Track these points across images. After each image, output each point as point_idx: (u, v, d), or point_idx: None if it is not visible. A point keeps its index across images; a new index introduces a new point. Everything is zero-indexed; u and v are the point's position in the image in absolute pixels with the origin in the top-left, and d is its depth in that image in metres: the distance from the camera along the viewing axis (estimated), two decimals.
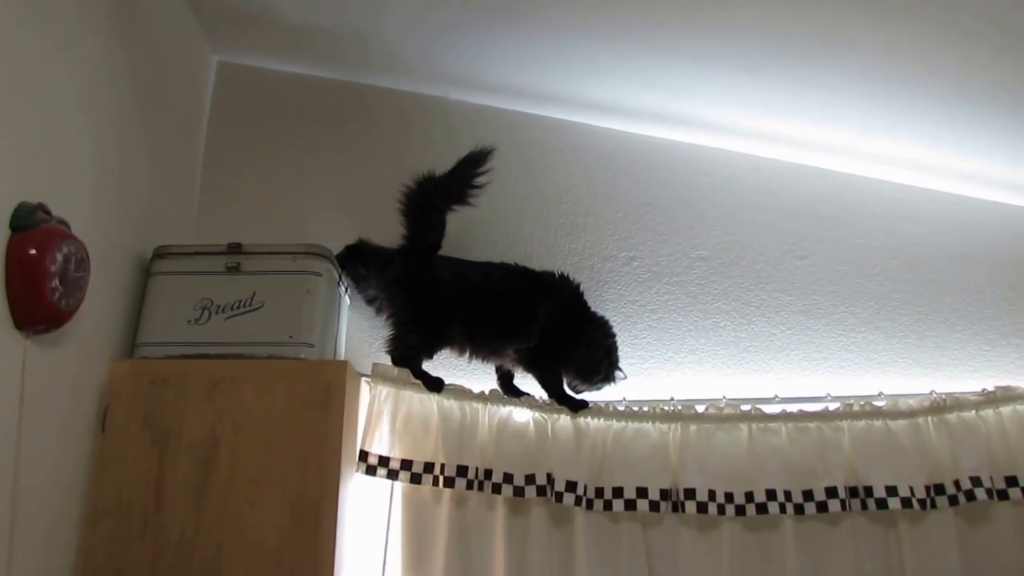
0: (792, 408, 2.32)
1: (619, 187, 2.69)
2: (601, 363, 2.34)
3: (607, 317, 2.41)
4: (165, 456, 1.94)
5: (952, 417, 2.28)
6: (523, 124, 2.74)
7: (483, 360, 2.37)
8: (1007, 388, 2.31)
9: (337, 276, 2.27)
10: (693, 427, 2.30)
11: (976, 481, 2.19)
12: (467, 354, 2.34)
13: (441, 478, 2.18)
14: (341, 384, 2.03)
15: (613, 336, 2.38)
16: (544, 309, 2.34)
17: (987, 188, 2.65)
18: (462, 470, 2.19)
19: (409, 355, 2.27)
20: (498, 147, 2.32)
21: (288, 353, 2.06)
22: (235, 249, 2.16)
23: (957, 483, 2.20)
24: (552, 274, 2.41)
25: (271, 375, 2.02)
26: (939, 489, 2.22)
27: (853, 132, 2.52)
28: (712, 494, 2.22)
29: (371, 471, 2.17)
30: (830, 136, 2.56)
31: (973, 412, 2.29)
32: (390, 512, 2.22)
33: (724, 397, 2.34)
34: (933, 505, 2.20)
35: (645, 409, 2.32)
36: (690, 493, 2.22)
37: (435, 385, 2.25)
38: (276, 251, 2.16)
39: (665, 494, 2.23)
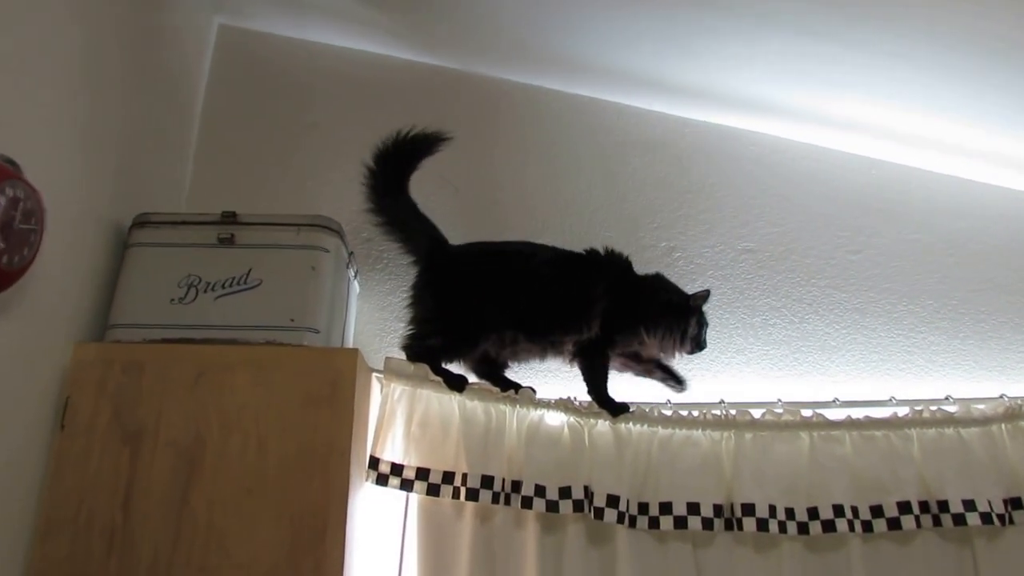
0: (855, 414, 1.93)
1: (657, 172, 2.32)
2: (685, 322, 1.96)
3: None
4: (138, 458, 1.51)
5: None
6: (549, 101, 2.37)
7: (531, 357, 1.97)
8: None
9: (347, 255, 1.85)
10: (748, 435, 1.91)
11: None
12: (514, 350, 1.95)
13: (463, 490, 1.76)
14: (351, 376, 1.62)
15: (682, 293, 2.01)
16: (600, 291, 1.94)
17: None
18: (487, 481, 1.77)
19: (427, 355, 1.87)
20: (522, 125, 2.07)
21: (288, 339, 1.65)
22: (229, 219, 1.75)
23: None
24: (597, 252, 2.01)
25: (268, 364, 1.60)
26: (1016, 503, 1.86)
27: (917, 114, 2.17)
28: (773, 510, 1.82)
29: (382, 481, 1.75)
30: (891, 119, 2.21)
31: None
32: (404, 528, 1.79)
33: (779, 400, 1.95)
34: (1011, 521, 1.85)
35: (695, 414, 1.91)
36: (748, 509, 1.82)
37: (457, 384, 1.84)
38: (277, 222, 1.75)
39: (719, 510, 1.83)
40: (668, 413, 1.92)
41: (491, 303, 1.92)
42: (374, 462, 1.75)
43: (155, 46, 1.97)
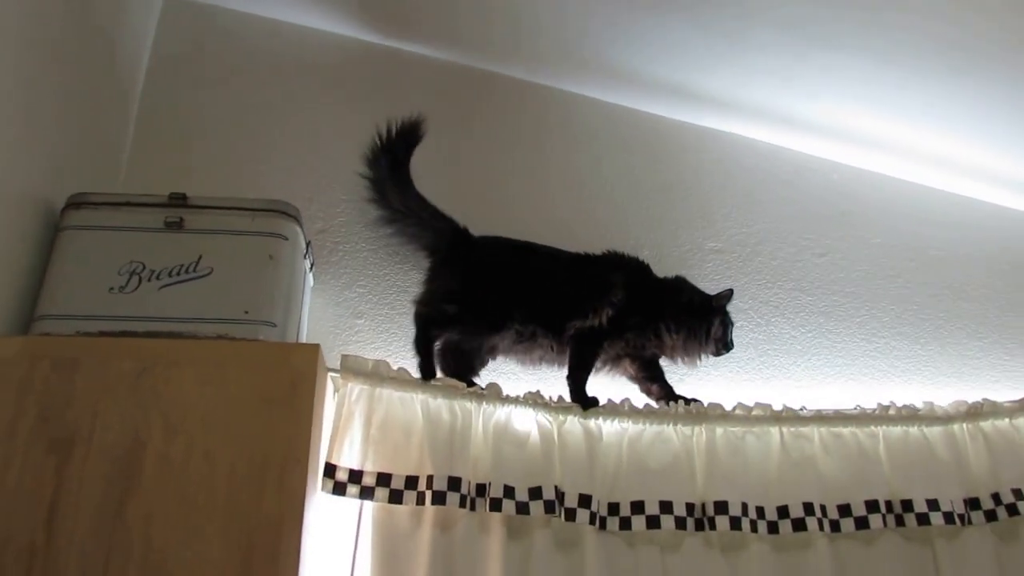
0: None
1: (627, 170, 2.21)
2: (708, 322, 1.90)
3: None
4: (67, 468, 1.30)
5: (987, 425, 1.93)
6: (520, 93, 2.25)
7: (546, 356, 1.87)
8: None
9: (305, 245, 1.68)
10: (720, 430, 1.82)
11: (1018, 494, 1.84)
12: (530, 347, 1.85)
13: (428, 494, 1.60)
14: (311, 375, 1.44)
15: (704, 294, 1.95)
16: (617, 282, 1.88)
17: (1010, 193, 2.32)
18: (454, 483, 1.62)
19: (438, 320, 1.80)
20: (497, 114, 2.01)
21: (242, 333, 1.47)
22: (178, 201, 1.56)
23: (996, 496, 1.84)
24: (616, 252, 1.95)
25: (219, 360, 1.43)
26: (975, 504, 1.85)
27: (881, 120, 2.14)
28: (744, 508, 1.75)
29: (339, 489, 1.58)
30: (856, 124, 2.17)
31: (1007, 420, 1.93)
32: (357, 541, 1.63)
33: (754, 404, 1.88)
34: (970, 521, 1.83)
35: (667, 407, 1.82)
36: (721, 507, 1.73)
37: (429, 372, 1.73)
38: (231, 206, 1.57)
39: (691, 509, 1.74)
40: (639, 407, 1.81)
41: (516, 294, 1.84)
42: (330, 469, 1.58)
43: (93, 15, 1.76)
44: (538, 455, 1.71)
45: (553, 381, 1.85)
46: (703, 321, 1.91)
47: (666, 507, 1.73)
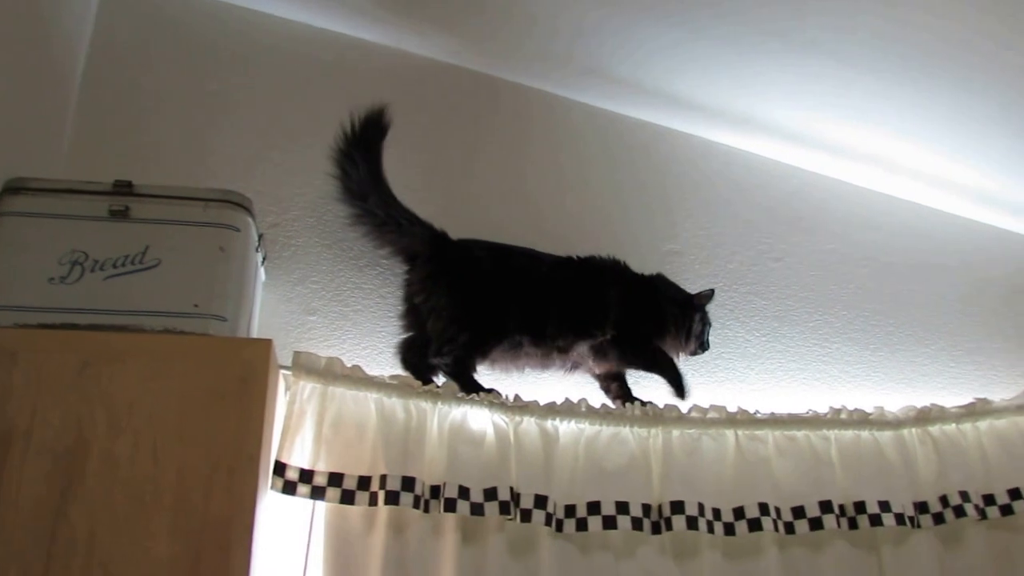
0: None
1: (587, 168, 2.22)
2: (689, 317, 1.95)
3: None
4: (4, 467, 1.25)
5: (935, 430, 1.99)
6: (467, 85, 2.22)
7: (530, 364, 1.89)
8: (984, 401, 2.05)
9: (257, 237, 1.65)
10: (676, 432, 1.84)
11: (965, 496, 1.90)
12: (515, 355, 1.87)
13: (381, 494, 1.57)
14: (263, 371, 1.41)
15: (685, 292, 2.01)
16: (614, 295, 1.92)
17: (960, 202, 2.39)
18: (408, 483, 1.59)
19: (465, 358, 1.79)
20: (440, 107, 1.99)
21: (191, 327, 1.43)
22: (123, 188, 1.50)
23: (944, 499, 1.90)
24: (595, 257, 1.98)
25: (166, 355, 1.39)
26: (923, 507, 1.90)
27: (836, 125, 2.18)
28: (701, 508, 1.76)
29: (289, 489, 1.54)
30: (812, 129, 2.21)
31: (954, 425, 2.00)
32: (309, 543, 1.61)
33: (709, 406, 1.91)
34: (918, 524, 1.87)
35: (624, 407, 1.84)
36: (678, 507, 1.74)
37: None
38: (181, 195, 1.52)
39: (647, 510, 1.74)
40: (596, 407, 1.81)
41: (507, 303, 1.84)
42: (280, 468, 1.55)
43: None
44: (494, 456, 1.70)
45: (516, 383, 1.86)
46: (686, 320, 1.95)
47: (622, 508, 1.73)
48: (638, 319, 1.93)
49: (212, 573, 1.27)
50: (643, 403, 1.89)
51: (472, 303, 1.84)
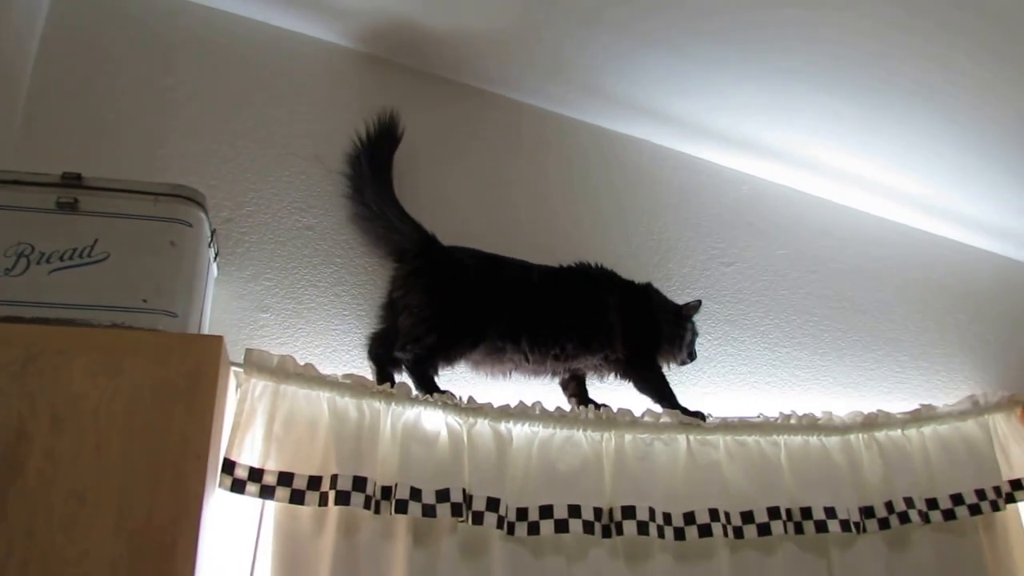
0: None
1: (541, 173, 2.23)
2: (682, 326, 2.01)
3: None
4: None
5: (881, 435, 2.04)
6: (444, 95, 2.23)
7: (516, 370, 1.92)
8: (929, 407, 2.11)
9: (210, 233, 1.63)
10: (628, 436, 1.86)
11: (909, 502, 1.96)
12: (499, 360, 1.90)
13: (331, 494, 1.57)
14: (213, 368, 1.40)
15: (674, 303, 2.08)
16: (615, 311, 1.96)
17: (907, 211, 2.46)
18: (359, 483, 1.59)
19: (426, 359, 1.81)
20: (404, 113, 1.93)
21: (140, 322, 1.41)
22: (72, 181, 1.47)
23: (889, 505, 1.96)
24: (588, 265, 2.03)
25: (113, 350, 1.36)
26: (869, 512, 1.95)
27: (786, 133, 2.23)
28: (652, 513, 1.78)
29: (238, 487, 1.53)
30: (762, 137, 2.25)
31: (900, 431, 2.06)
32: (258, 543, 1.60)
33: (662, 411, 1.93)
34: (864, 529, 1.93)
35: (577, 410, 1.86)
36: (629, 512, 1.76)
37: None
38: (131, 189, 1.49)
39: (599, 514, 1.76)
40: (551, 410, 1.83)
41: (492, 306, 1.86)
42: (229, 466, 1.54)
43: None
44: (447, 457, 1.70)
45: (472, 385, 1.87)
46: (679, 330, 2.01)
47: (574, 511, 1.74)
48: (641, 336, 1.97)
49: (156, 571, 1.26)
50: (597, 406, 1.92)
51: (446, 307, 1.86)
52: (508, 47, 2.09)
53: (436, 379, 1.80)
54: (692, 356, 2.03)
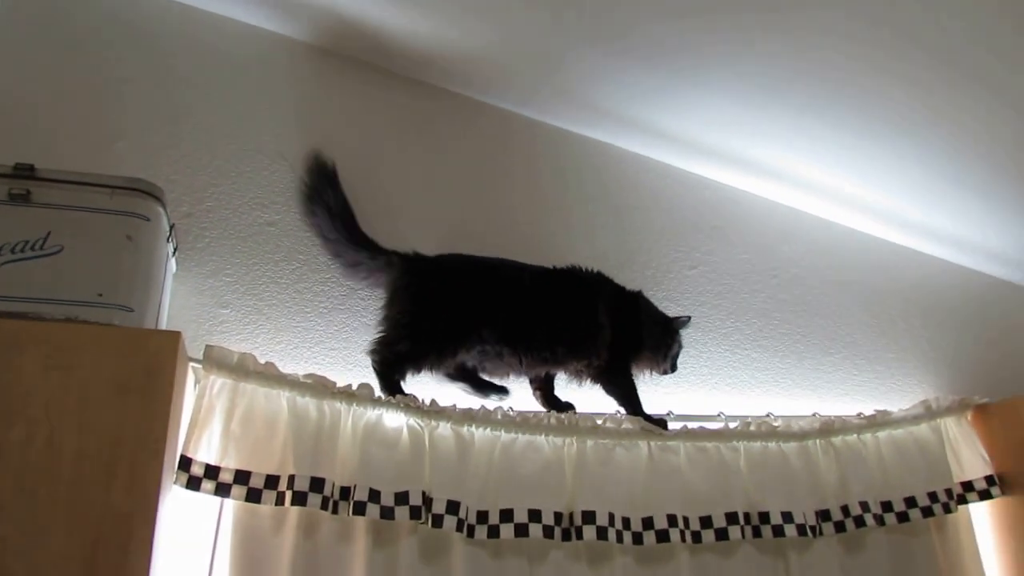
0: (689, 426, 1.97)
1: (508, 176, 2.23)
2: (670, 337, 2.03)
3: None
4: None
5: (838, 440, 2.07)
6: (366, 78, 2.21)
7: (511, 371, 1.92)
8: (884, 412, 2.16)
9: (168, 227, 1.61)
10: (590, 442, 1.87)
11: (865, 506, 2.00)
12: (497, 364, 1.89)
13: (288, 494, 1.56)
14: (170, 363, 1.39)
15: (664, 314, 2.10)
16: (605, 314, 1.96)
17: (864, 219, 2.51)
18: (317, 484, 1.58)
19: (395, 364, 1.79)
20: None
21: (94, 317, 1.39)
22: (25, 172, 1.45)
23: (845, 508, 1.99)
24: (579, 268, 2.03)
25: (67, 344, 1.34)
26: (825, 515, 1.98)
27: (747, 140, 2.25)
28: (612, 518, 1.79)
29: (194, 484, 1.52)
30: (726, 144, 2.28)
31: (855, 436, 2.09)
32: (216, 543, 1.58)
33: (618, 412, 1.95)
34: (821, 532, 1.95)
35: (540, 415, 1.86)
36: (589, 517, 1.77)
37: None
38: (87, 181, 1.48)
39: (559, 518, 1.76)
40: (513, 415, 1.83)
41: (478, 312, 1.85)
42: (185, 463, 1.52)
43: None
44: (407, 459, 1.70)
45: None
46: (668, 340, 2.03)
47: (535, 516, 1.75)
48: (625, 343, 1.97)
49: (109, 569, 1.24)
50: (562, 406, 1.94)
51: (424, 316, 1.84)
52: (472, 49, 2.09)
53: (403, 384, 1.79)
54: (674, 368, 2.05)
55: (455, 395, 1.87)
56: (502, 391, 1.92)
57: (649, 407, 1.97)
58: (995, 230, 2.43)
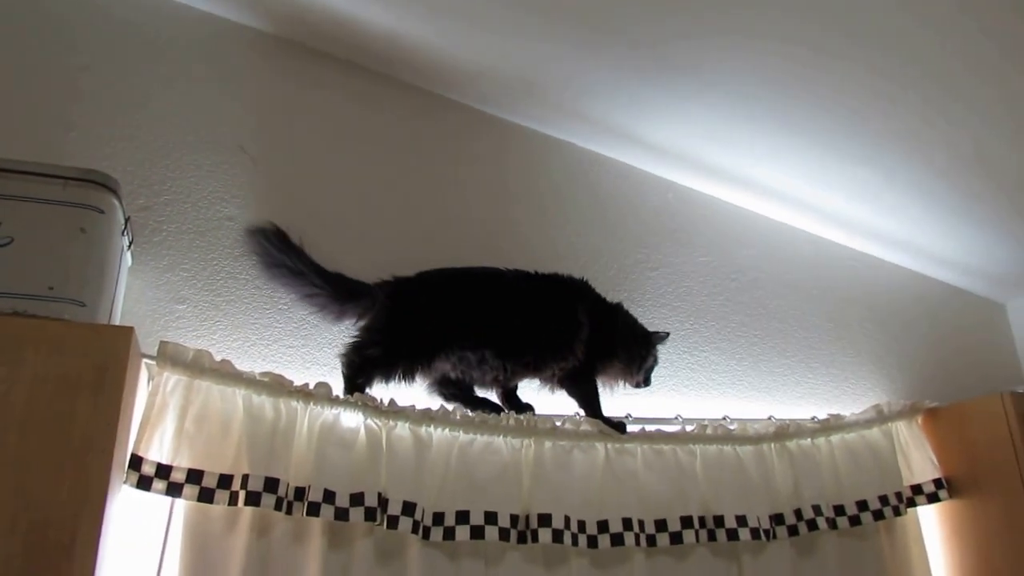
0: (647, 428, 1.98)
1: (475, 176, 2.21)
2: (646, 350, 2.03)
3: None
4: None
5: (792, 444, 2.09)
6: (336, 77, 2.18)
7: (497, 377, 1.90)
8: (837, 416, 2.18)
9: (123, 220, 1.57)
10: (548, 443, 1.86)
11: (817, 510, 2.02)
12: (482, 371, 1.86)
13: (241, 494, 1.53)
14: (123, 360, 1.35)
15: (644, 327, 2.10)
16: (583, 318, 1.96)
17: (819, 224, 2.54)
18: (271, 484, 1.55)
19: (362, 366, 1.78)
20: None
21: (45, 311, 1.35)
22: None
23: (798, 512, 2.01)
24: (560, 275, 2.02)
25: (14, 339, 1.30)
26: (779, 519, 2.00)
27: (709, 145, 2.26)
28: (567, 521, 1.78)
29: (144, 484, 1.48)
30: (690, 146, 2.29)
31: (809, 440, 2.12)
32: (165, 544, 1.55)
33: (578, 414, 1.95)
34: (774, 536, 1.97)
35: (499, 416, 1.84)
36: (544, 519, 1.76)
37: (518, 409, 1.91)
38: (39, 171, 1.43)
39: (515, 520, 1.76)
40: (471, 415, 1.82)
41: (457, 320, 1.84)
42: (136, 461, 1.49)
43: None
44: (364, 459, 1.68)
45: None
46: (644, 353, 2.02)
47: (491, 518, 1.74)
48: (599, 351, 1.96)
49: (53, 569, 1.21)
50: (521, 407, 1.94)
51: (398, 326, 1.83)
52: (431, 44, 2.08)
53: (367, 389, 1.77)
54: (647, 381, 2.05)
55: (415, 395, 1.85)
56: (497, 408, 1.91)
57: (608, 410, 1.97)
58: (945, 236, 2.48)
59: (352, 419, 1.71)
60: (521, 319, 1.91)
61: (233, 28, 2.08)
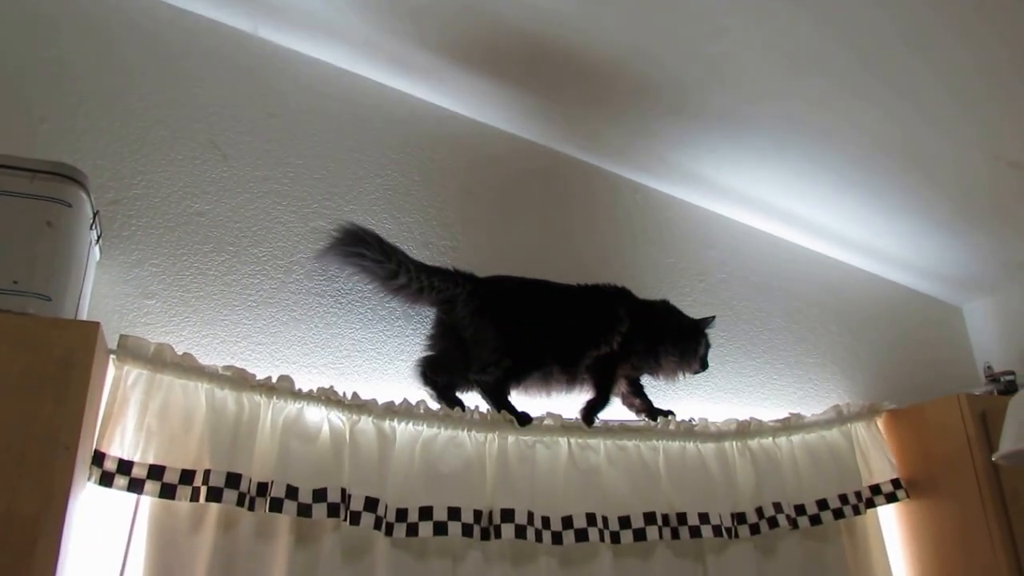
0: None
1: (437, 177, 2.19)
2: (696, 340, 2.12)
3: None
4: None
5: (754, 443, 2.12)
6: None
7: (560, 388, 1.99)
8: (798, 416, 2.21)
9: (92, 214, 1.55)
10: (511, 438, 1.87)
11: (778, 508, 2.04)
12: (547, 382, 1.97)
13: (203, 490, 1.52)
14: (87, 356, 1.34)
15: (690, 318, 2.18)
16: (623, 313, 2.05)
17: (783, 227, 2.56)
18: (233, 480, 1.54)
19: (504, 379, 1.89)
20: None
21: (8, 305, 1.34)
22: None
23: (759, 510, 2.03)
24: (600, 284, 2.11)
25: None
26: (741, 518, 2.02)
27: (677, 148, 2.28)
28: (531, 517, 1.79)
29: (107, 480, 1.47)
30: (657, 149, 2.30)
31: (771, 439, 2.14)
32: (130, 540, 1.53)
33: (547, 413, 1.94)
34: (736, 535, 1.99)
35: (464, 411, 1.84)
36: (508, 515, 1.76)
37: (525, 419, 1.87)
38: (6, 164, 1.41)
39: (478, 516, 1.76)
40: (435, 409, 1.82)
41: (543, 332, 1.95)
42: (99, 458, 1.48)
43: None
44: (327, 455, 1.67)
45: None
46: (693, 342, 2.09)
47: (454, 514, 1.74)
48: (643, 342, 2.05)
49: (12, 571, 1.19)
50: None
51: (516, 335, 1.91)
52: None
53: (510, 400, 1.87)
54: (704, 366, 2.13)
55: (376, 389, 1.84)
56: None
57: (573, 411, 1.98)
58: (901, 240, 2.52)
59: (316, 414, 1.71)
60: (574, 328, 1.99)
61: (207, 24, 2.05)
